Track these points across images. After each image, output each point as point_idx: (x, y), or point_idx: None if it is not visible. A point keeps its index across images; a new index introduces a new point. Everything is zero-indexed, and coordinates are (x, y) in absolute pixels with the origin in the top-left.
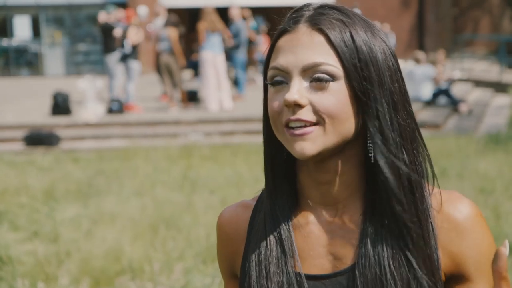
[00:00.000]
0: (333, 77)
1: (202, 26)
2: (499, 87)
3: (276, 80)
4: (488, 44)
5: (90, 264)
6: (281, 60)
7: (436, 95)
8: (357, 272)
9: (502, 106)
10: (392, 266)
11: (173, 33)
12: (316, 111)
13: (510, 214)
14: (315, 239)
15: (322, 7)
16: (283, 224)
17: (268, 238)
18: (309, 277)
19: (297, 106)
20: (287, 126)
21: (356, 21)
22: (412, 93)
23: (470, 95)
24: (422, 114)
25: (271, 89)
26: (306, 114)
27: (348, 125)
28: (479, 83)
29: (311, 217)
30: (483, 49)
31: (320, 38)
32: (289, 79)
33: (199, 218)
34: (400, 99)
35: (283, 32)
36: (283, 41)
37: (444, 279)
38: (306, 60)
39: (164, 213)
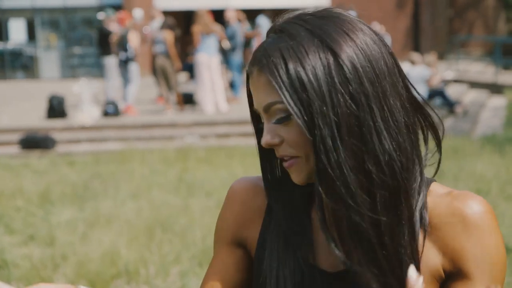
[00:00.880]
0: (288, 112)
1: (196, 29)
2: (495, 88)
3: (259, 125)
4: (483, 45)
5: (86, 267)
6: (254, 103)
7: (431, 96)
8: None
9: (497, 108)
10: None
11: (169, 36)
12: (291, 146)
13: (506, 216)
14: None
15: (277, 31)
16: (302, 216)
17: (285, 229)
18: (324, 272)
19: (274, 145)
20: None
21: (299, 40)
22: None
23: (466, 96)
24: None
25: None
26: (285, 150)
27: None
28: (474, 85)
29: None
30: (479, 50)
31: (264, 79)
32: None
33: (195, 221)
34: (346, 112)
35: (248, 76)
36: (250, 85)
37: (443, 277)
38: (262, 103)
39: (160, 216)
